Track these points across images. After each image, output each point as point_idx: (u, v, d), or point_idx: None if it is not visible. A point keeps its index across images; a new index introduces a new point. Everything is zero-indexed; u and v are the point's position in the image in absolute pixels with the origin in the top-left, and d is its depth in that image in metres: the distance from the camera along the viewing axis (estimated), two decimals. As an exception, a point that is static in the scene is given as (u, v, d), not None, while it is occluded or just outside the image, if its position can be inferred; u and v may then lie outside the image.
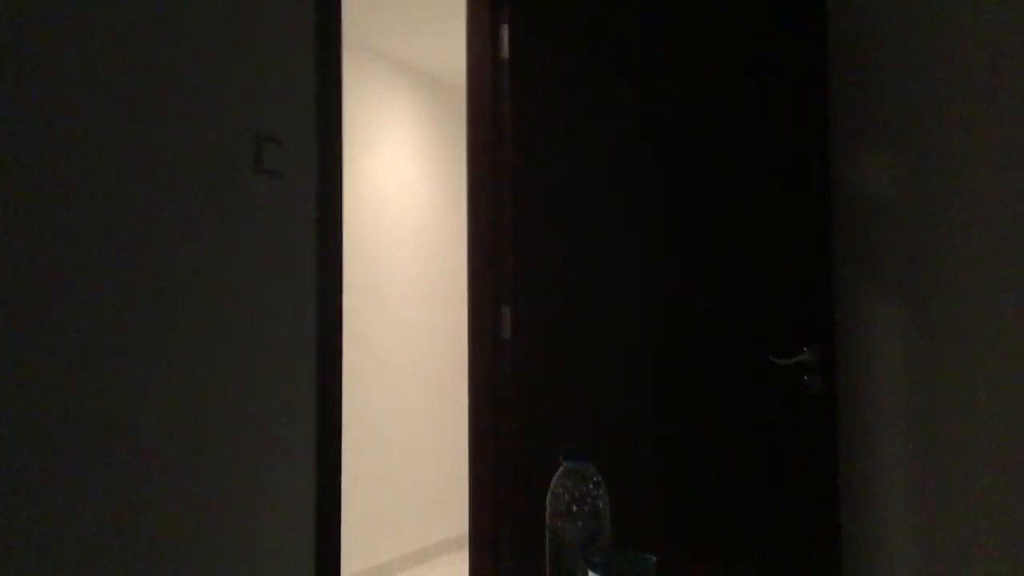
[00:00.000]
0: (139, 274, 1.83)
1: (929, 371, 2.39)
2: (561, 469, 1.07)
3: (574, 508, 1.04)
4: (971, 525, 2.31)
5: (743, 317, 2.37)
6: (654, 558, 1.15)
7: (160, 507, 1.84)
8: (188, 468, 1.91)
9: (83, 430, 1.71)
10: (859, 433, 2.47)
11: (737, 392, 2.37)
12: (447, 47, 4.60)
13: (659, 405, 2.42)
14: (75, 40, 1.74)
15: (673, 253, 2.44)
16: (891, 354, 2.44)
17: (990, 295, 2.31)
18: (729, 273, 2.39)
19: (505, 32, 2.63)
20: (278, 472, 2.13)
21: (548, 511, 1.06)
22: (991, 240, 2.32)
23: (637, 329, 2.44)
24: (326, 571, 2.24)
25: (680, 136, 2.45)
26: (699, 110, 2.44)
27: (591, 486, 1.05)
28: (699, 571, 2.35)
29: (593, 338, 2.47)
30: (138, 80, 1.85)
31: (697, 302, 2.41)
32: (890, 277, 2.46)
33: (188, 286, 1.93)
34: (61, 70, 1.71)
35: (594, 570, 1.05)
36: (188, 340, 1.92)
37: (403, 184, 4.83)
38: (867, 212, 2.50)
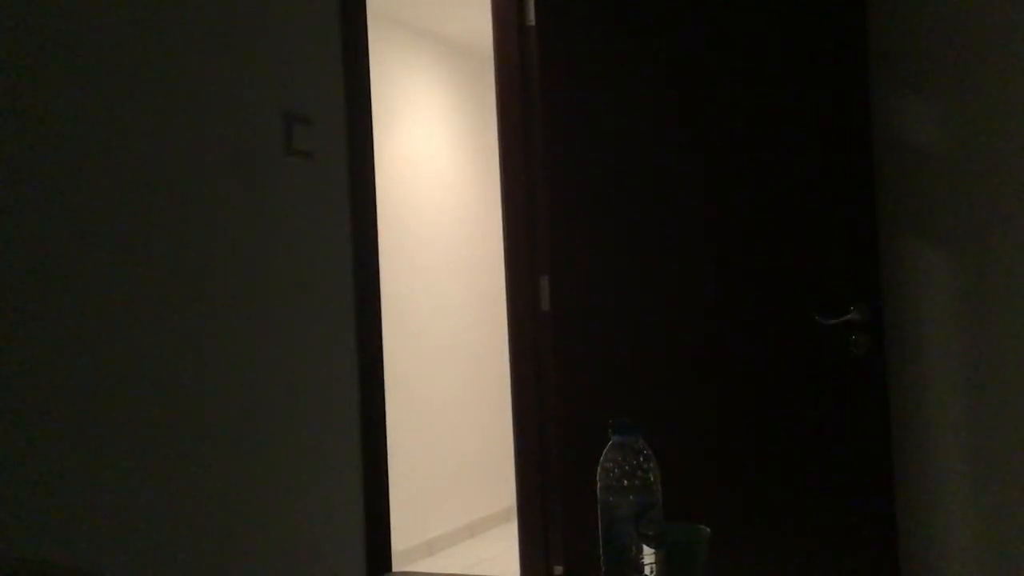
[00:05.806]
0: (173, 257, 1.82)
1: (985, 327, 2.32)
2: (610, 443, 1.05)
3: (625, 482, 1.02)
4: (1030, 481, 2.26)
5: (787, 276, 2.32)
6: (708, 529, 1.13)
7: (209, 490, 1.85)
8: (233, 453, 1.92)
9: (135, 408, 1.72)
10: (911, 395, 2.42)
11: (783, 354, 2.32)
12: (471, 13, 4.54)
13: (703, 371, 2.38)
14: (100, 19, 1.72)
15: (713, 214, 2.39)
16: (943, 310, 2.38)
17: (1044, 244, 2.24)
18: (771, 230, 2.34)
19: (531, -3, 2.58)
20: (324, 453, 2.13)
21: (599, 485, 1.03)
22: (1044, 187, 2.24)
23: (679, 294, 2.40)
24: (377, 549, 2.25)
25: (715, 91, 2.39)
26: (732, 63, 2.37)
27: (641, 459, 1.03)
28: (749, 539, 2.33)
29: (634, 305, 2.44)
30: (166, 61, 1.83)
31: (738, 263, 2.36)
32: (940, 228, 2.38)
33: (223, 267, 1.92)
34: (85, 51, 1.70)
35: (648, 544, 1.03)
36: (225, 322, 1.92)
37: (435, 154, 4.80)
38: (912, 159, 2.42)
